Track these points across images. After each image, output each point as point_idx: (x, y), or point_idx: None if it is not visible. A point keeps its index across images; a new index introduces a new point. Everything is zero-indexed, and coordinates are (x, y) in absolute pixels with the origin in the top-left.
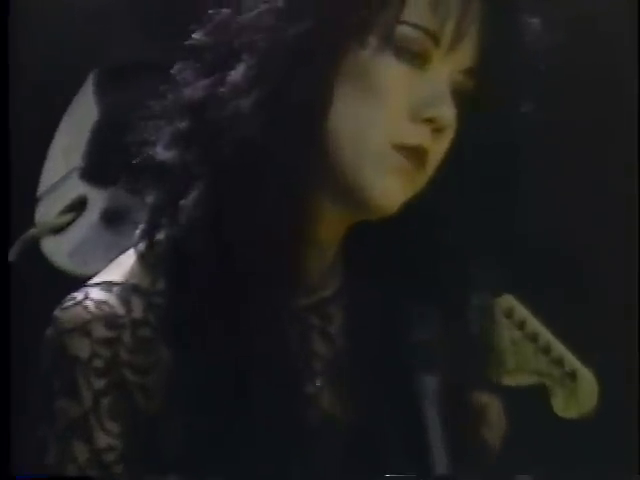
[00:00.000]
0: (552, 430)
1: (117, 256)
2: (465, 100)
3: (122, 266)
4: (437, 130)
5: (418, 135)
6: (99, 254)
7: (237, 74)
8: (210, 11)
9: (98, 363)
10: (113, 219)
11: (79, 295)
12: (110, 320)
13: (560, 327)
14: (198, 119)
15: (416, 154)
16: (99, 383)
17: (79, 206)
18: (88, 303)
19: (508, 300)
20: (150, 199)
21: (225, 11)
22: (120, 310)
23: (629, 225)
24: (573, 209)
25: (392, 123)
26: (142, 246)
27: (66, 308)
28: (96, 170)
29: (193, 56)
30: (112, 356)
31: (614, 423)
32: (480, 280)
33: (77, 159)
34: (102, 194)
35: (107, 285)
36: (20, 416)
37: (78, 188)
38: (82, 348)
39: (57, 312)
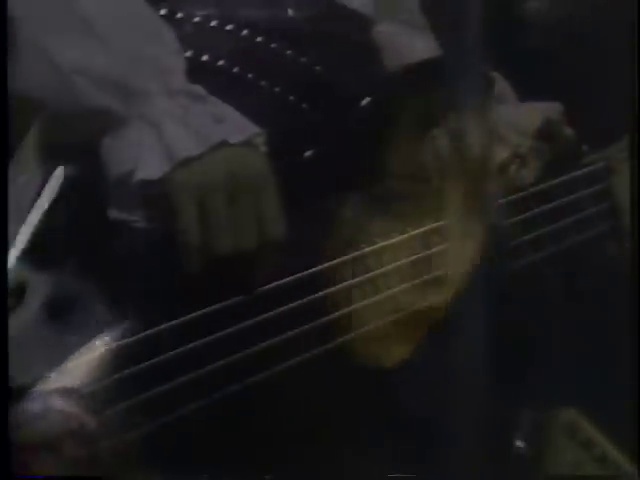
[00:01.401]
0: None
1: (62, 356)
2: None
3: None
4: None
5: None
6: (39, 353)
7: None
8: None
9: None
10: (58, 310)
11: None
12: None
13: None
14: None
15: None
16: None
17: (16, 294)
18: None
19: (569, 414)
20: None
21: None
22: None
23: None
24: None
25: None
26: None
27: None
28: (39, 249)
29: None
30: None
31: None
32: (534, 391)
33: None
34: (45, 279)
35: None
36: None
37: (16, 271)
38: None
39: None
